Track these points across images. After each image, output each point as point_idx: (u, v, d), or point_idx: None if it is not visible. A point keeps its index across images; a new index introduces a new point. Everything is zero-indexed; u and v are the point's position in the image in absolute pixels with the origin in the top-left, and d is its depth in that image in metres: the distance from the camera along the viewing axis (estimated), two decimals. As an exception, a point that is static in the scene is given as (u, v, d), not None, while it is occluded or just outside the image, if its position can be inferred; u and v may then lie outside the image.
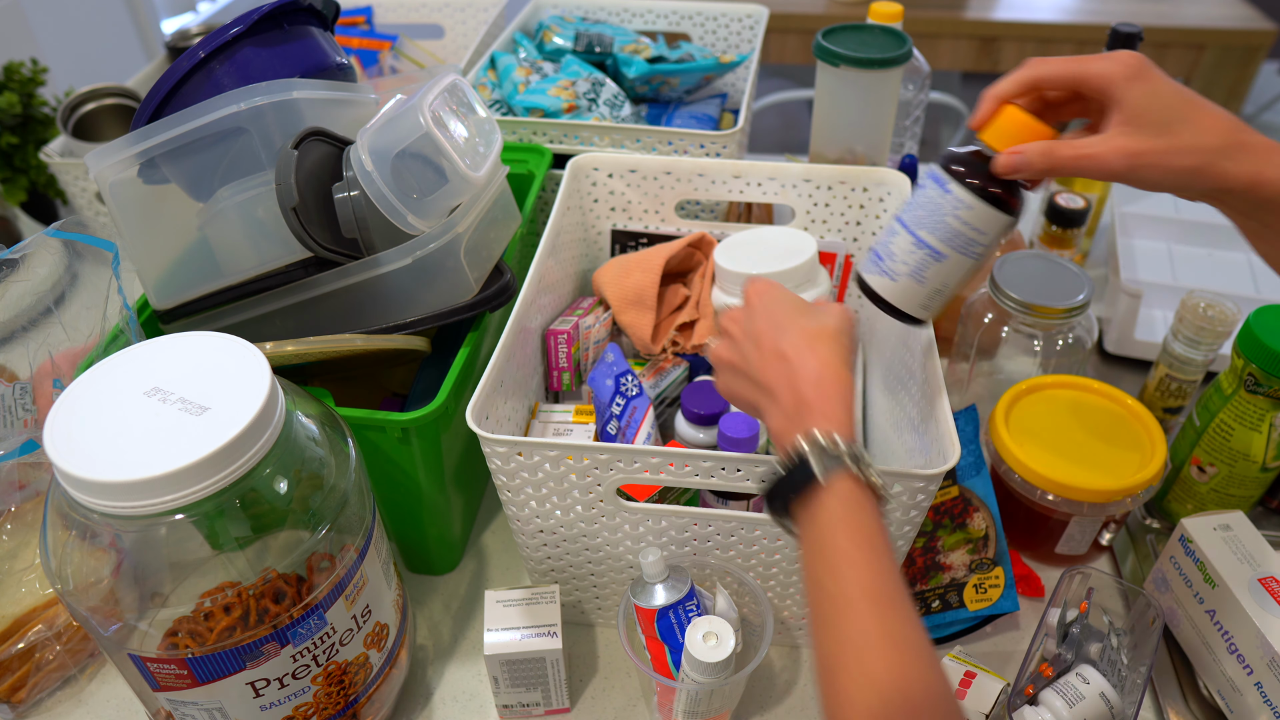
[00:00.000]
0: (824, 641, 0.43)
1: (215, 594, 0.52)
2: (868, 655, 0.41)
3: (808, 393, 0.49)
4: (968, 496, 0.77)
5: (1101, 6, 2.03)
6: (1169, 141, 0.48)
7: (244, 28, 0.70)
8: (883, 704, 0.39)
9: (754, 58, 1.13)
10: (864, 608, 0.42)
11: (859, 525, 0.45)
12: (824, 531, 0.45)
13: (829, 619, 0.43)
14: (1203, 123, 0.48)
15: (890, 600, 0.42)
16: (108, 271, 0.72)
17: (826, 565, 0.44)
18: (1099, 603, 0.70)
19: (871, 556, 0.44)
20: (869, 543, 0.44)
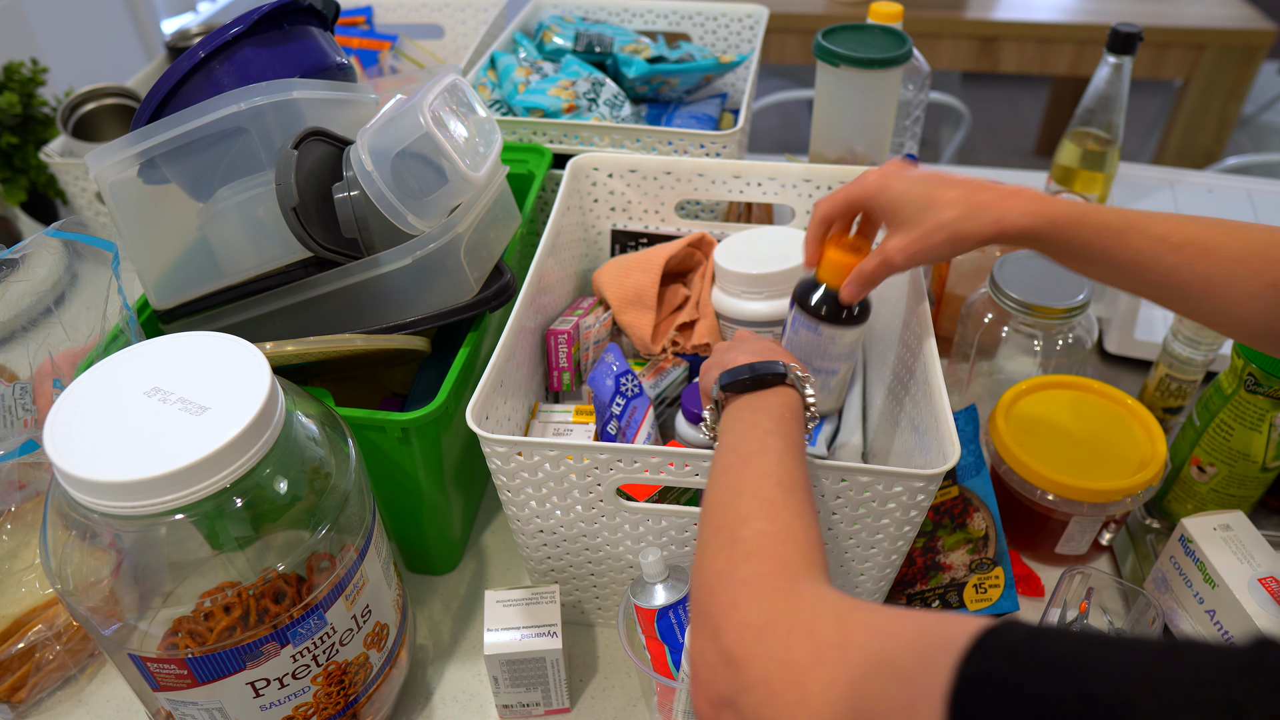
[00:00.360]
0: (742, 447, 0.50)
1: (215, 594, 0.52)
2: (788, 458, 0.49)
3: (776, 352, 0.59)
4: (968, 496, 0.77)
5: (1101, 6, 2.03)
6: (921, 229, 0.59)
7: (244, 28, 0.70)
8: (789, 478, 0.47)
9: (754, 58, 1.13)
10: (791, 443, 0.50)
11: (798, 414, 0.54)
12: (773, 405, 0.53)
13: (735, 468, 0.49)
14: (942, 202, 0.59)
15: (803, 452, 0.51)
16: (108, 271, 0.72)
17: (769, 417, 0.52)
18: (1099, 603, 0.70)
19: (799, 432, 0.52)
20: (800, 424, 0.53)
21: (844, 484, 0.59)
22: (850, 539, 0.63)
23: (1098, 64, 0.98)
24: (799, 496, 0.47)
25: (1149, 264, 0.57)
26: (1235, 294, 0.55)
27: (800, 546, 0.43)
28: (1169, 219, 0.57)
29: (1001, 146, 3.02)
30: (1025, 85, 3.33)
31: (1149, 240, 0.56)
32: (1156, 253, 0.56)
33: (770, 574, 0.41)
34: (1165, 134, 2.11)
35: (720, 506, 0.47)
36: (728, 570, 0.42)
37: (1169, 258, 0.56)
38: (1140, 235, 0.57)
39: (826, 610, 0.38)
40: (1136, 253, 0.57)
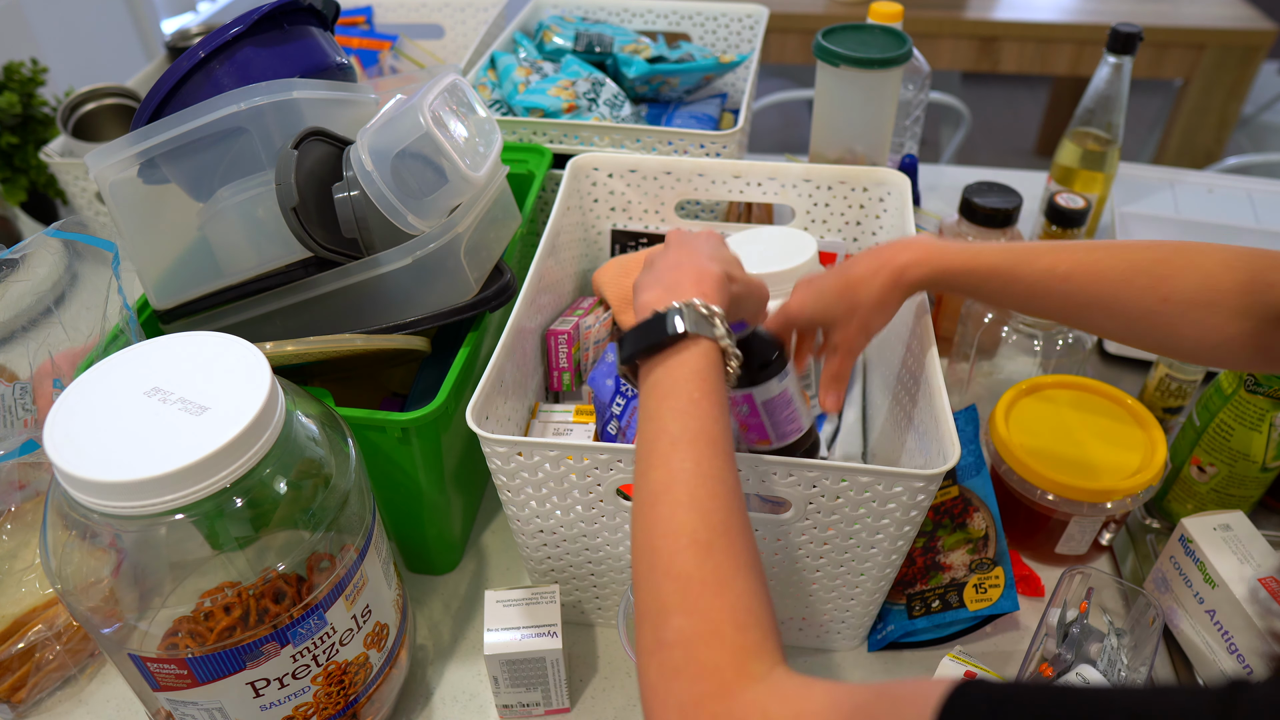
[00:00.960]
0: (653, 473, 0.46)
1: (215, 594, 0.52)
2: (696, 486, 0.44)
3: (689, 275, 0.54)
4: (968, 496, 0.77)
5: (1101, 6, 2.03)
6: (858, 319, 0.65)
7: (244, 28, 0.70)
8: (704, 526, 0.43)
9: (754, 58, 1.13)
10: (702, 447, 0.46)
11: (712, 382, 0.49)
12: (677, 380, 0.49)
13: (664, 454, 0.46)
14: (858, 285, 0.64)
15: (723, 448, 0.47)
16: (108, 271, 0.72)
17: (673, 408, 0.47)
18: (1099, 603, 0.70)
19: (715, 408, 0.48)
20: (715, 397, 0.48)
21: (844, 484, 0.59)
22: (850, 539, 0.63)
23: (1098, 64, 0.98)
24: (718, 552, 0.42)
25: (1043, 294, 0.60)
26: (1133, 312, 0.57)
27: (727, 640, 0.39)
28: (1054, 250, 0.60)
29: (1001, 146, 3.02)
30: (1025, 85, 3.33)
31: (1037, 273, 0.60)
32: (1047, 283, 0.59)
33: (703, 696, 0.37)
34: (1165, 134, 2.11)
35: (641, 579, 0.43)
36: (659, 687, 0.39)
37: (1059, 286, 0.59)
38: (1029, 270, 0.60)
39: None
40: (1029, 287, 0.60)
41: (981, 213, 0.91)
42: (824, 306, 0.66)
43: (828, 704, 0.35)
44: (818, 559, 0.66)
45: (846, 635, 0.73)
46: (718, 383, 0.49)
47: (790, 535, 0.64)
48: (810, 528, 0.63)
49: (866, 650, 0.75)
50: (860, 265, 0.64)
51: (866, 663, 0.74)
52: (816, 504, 0.61)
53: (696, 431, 0.46)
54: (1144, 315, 0.57)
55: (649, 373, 0.50)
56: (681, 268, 0.54)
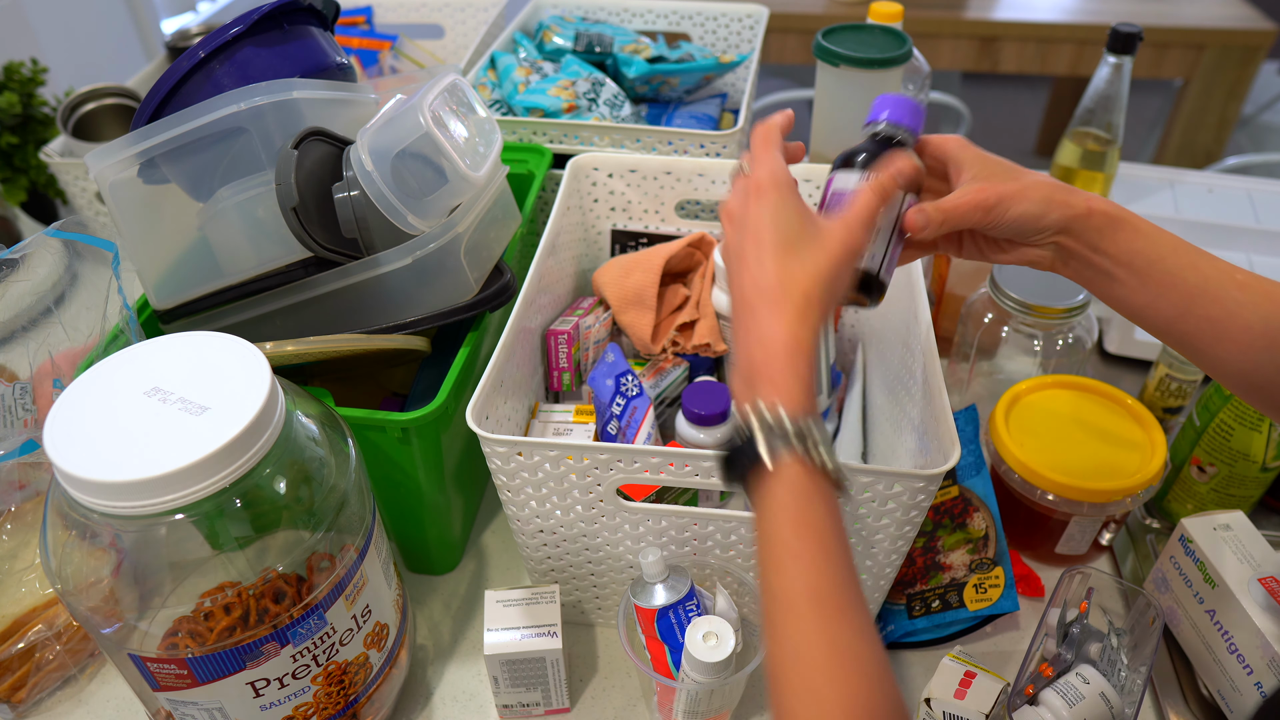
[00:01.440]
0: (769, 644, 0.41)
1: (215, 594, 0.52)
2: (811, 668, 0.38)
3: (757, 354, 0.46)
4: (968, 496, 0.77)
5: (1101, 6, 2.03)
6: (1018, 182, 0.54)
7: (244, 28, 0.70)
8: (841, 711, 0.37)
9: (754, 58, 1.13)
10: (807, 612, 0.40)
11: (807, 517, 0.42)
12: (770, 520, 0.43)
13: (774, 620, 0.41)
14: (1035, 174, 0.55)
15: (838, 607, 0.40)
16: (108, 271, 0.72)
17: (772, 559, 0.42)
18: (1099, 603, 0.70)
19: (820, 554, 0.41)
20: (818, 538, 0.41)
21: (844, 484, 0.59)
22: (850, 539, 0.63)
23: (1098, 64, 0.98)
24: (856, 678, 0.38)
25: (1215, 295, 0.52)
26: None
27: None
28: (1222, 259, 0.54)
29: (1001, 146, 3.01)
30: (1025, 85, 3.33)
31: (1219, 270, 0.52)
32: (1223, 285, 0.52)
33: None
34: (1165, 134, 2.11)
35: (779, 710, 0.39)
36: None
37: (1234, 294, 0.51)
38: (1210, 262, 0.52)
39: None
40: (1205, 279, 0.52)
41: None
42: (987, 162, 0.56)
43: None
44: (818, 559, 0.65)
45: (846, 635, 0.73)
46: (819, 517, 0.42)
47: (790, 535, 0.64)
48: (810, 528, 0.63)
49: (866, 650, 0.75)
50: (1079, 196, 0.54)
51: (866, 663, 0.74)
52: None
53: (800, 591, 0.40)
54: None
55: (753, 505, 0.45)
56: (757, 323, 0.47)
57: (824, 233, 0.50)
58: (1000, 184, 0.54)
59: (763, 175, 0.52)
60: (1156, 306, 0.54)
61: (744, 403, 0.46)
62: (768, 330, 0.46)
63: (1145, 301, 0.54)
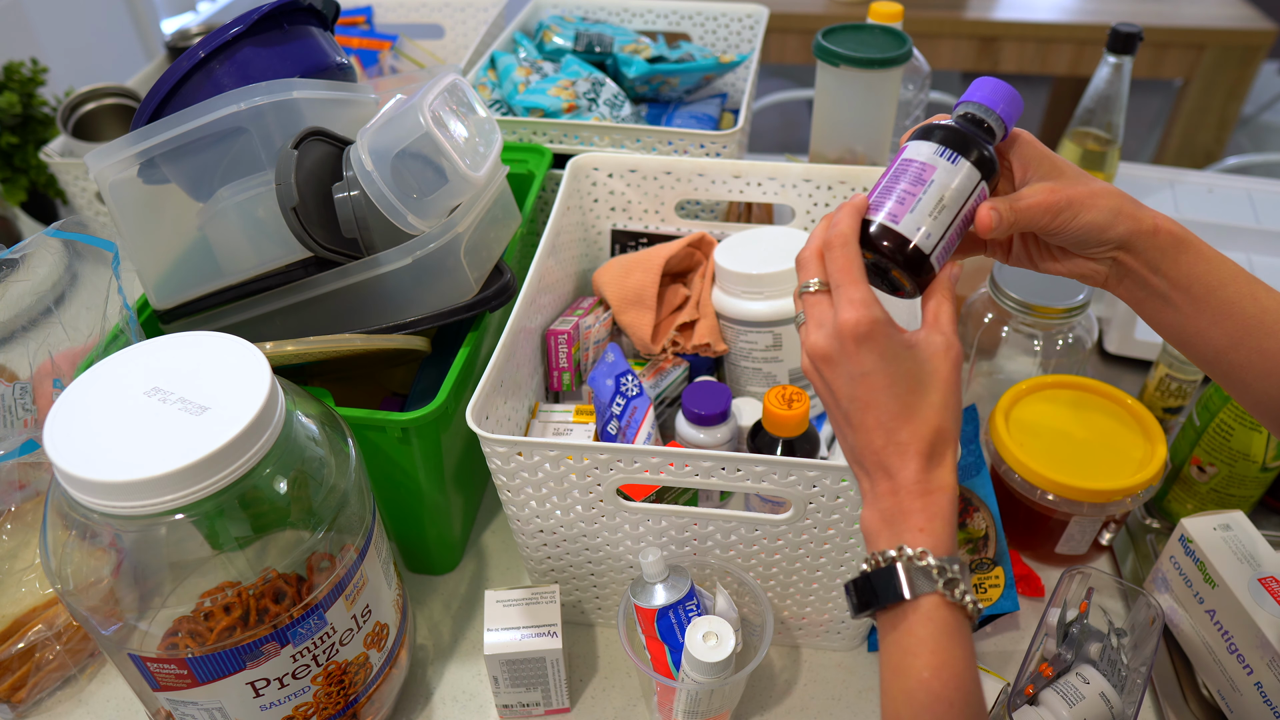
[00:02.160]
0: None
1: (215, 594, 0.52)
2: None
3: (907, 496, 0.46)
4: (968, 496, 0.77)
5: (1101, 6, 2.03)
6: (1088, 187, 0.52)
7: (244, 28, 0.70)
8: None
9: (754, 58, 1.13)
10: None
11: (946, 655, 0.43)
12: (906, 655, 0.43)
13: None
14: (1103, 183, 0.52)
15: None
16: (108, 271, 0.72)
17: (904, 691, 0.42)
18: (1099, 603, 0.70)
19: (956, 694, 0.42)
20: (956, 679, 0.42)
21: (844, 484, 0.59)
22: (850, 539, 0.63)
23: (1098, 64, 0.98)
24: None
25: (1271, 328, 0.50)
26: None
27: None
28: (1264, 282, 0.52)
29: (1001, 146, 3.02)
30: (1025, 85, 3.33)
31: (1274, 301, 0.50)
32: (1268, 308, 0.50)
33: None
34: (1165, 134, 2.11)
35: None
36: None
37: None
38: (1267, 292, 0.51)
39: None
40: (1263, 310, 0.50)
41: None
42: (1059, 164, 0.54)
43: None
44: (818, 559, 0.66)
45: (847, 635, 0.73)
46: (954, 648, 0.43)
47: (790, 535, 0.64)
48: (810, 528, 0.63)
49: (866, 650, 0.75)
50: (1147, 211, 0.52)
51: (867, 663, 0.74)
52: (816, 504, 0.61)
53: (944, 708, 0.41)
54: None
55: (881, 636, 0.46)
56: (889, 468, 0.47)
57: (933, 357, 0.48)
58: (1070, 187, 0.52)
59: (860, 316, 0.48)
60: (1208, 335, 0.52)
61: (886, 540, 0.46)
62: (916, 454, 0.46)
63: (1198, 329, 0.52)
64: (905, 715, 0.42)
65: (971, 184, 0.52)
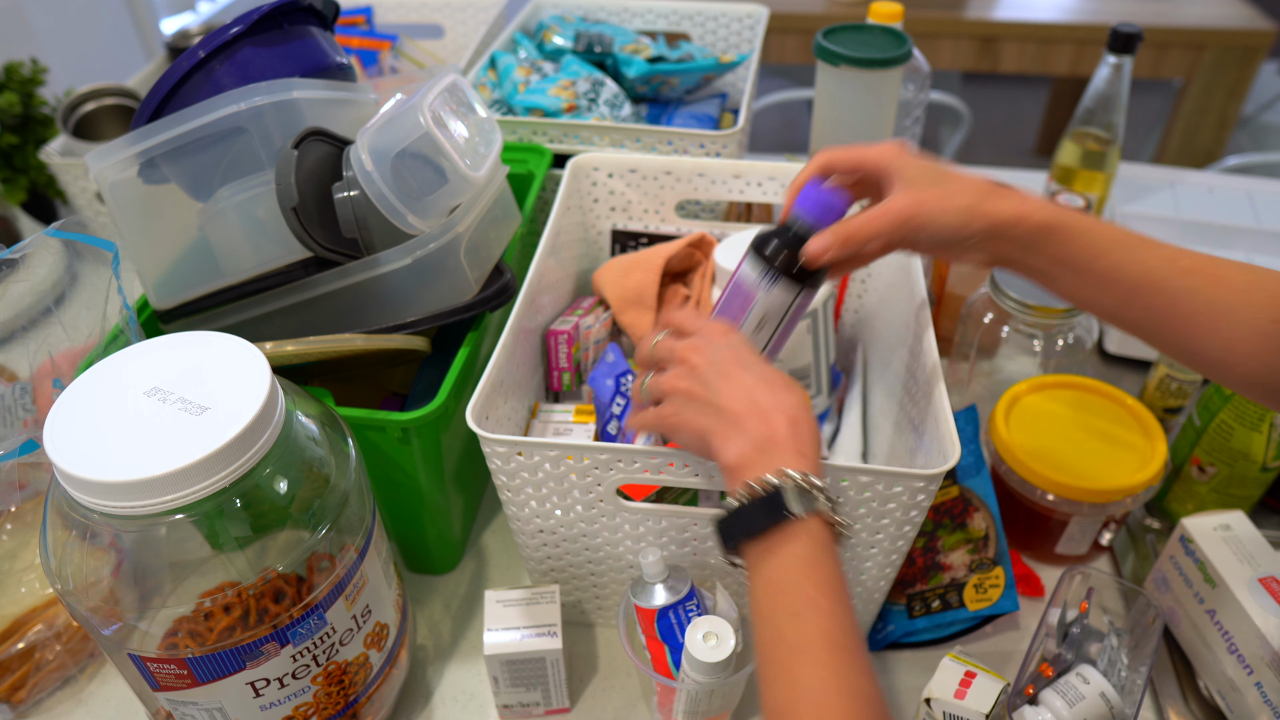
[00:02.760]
0: (777, 688, 0.42)
1: (215, 594, 0.52)
2: (825, 707, 0.40)
3: (781, 428, 0.49)
4: (968, 496, 0.77)
5: (1101, 6, 2.03)
6: (942, 190, 0.55)
7: (244, 28, 0.70)
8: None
9: (754, 58, 1.13)
10: (824, 656, 0.42)
11: (825, 569, 0.45)
12: (787, 573, 0.45)
13: (785, 664, 0.43)
14: (964, 180, 0.56)
15: (850, 650, 0.42)
16: (108, 271, 0.72)
17: (788, 609, 0.44)
18: (1099, 603, 0.70)
19: (835, 603, 0.44)
20: (833, 588, 0.44)
21: (844, 484, 0.59)
22: (851, 539, 0.63)
23: (1098, 64, 0.98)
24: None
25: (1157, 285, 0.53)
26: (1241, 329, 0.52)
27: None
28: (1172, 245, 0.54)
29: (1001, 146, 3.02)
30: (1025, 85, 3.33)
31: (1161, 260, 0.53)
32: (1166, 274, 0.53)
33: None
34: (1165, 134, 2.11)
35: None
36: None
37: (1177, 281, 0.53)
38: (1153, 252, 0.54)
39: None
40: (1147, 271, 0.53)
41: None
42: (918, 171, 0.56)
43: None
44: (818, 559, 0.65)
45: (846, 635, 0.73)
46: (833, 567, 0.45)
47: (790, 535, 0.64)
48: (810, 528, 0.63)
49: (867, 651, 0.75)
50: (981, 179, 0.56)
51: (866, 663, 0.74)
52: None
53: (816, 637, 0.43)
54: (1253, 334, 0.51)
55: (756, 561, 0.47)
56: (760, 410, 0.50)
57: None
58: (923, 191, 0.55)
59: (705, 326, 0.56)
60: (1099, 300, 0.56)
61: (763, 468, 0.48)
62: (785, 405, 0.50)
63: (1087, 296, 0.56)
64: (790, 632, 0.43)
65: (789, 298, 0.58)
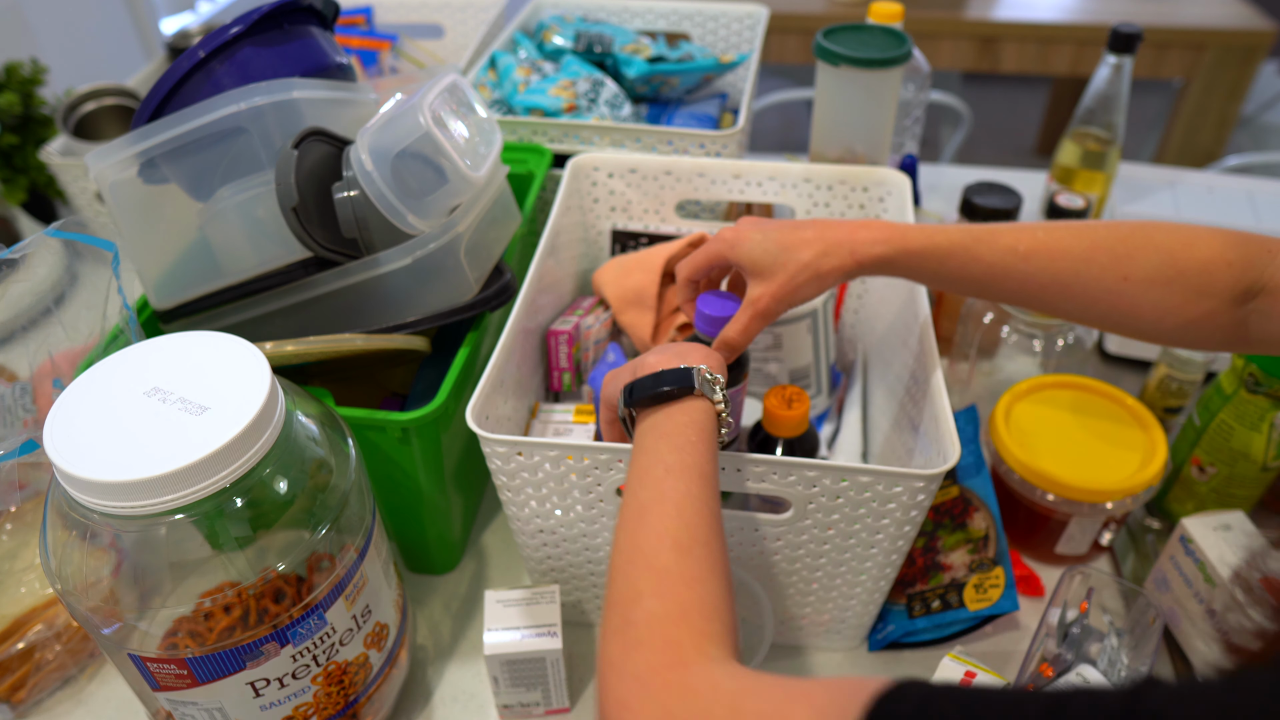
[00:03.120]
0: (644, 494, 0.48)
1: (215, 594, 0.52)
2: (683, 503, 0.47)
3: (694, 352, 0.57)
4: (968, 496, 0.77)
5: (1101, 6, 2.03)
6: (785, 274, 0.61)
7: (244, 28, 0.70)
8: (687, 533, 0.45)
9: (754, 58, 1.13)
10: (694, 478, 0.49)
11: (707, 431, 0.53)
12: (679, 425, 0.52)
13: (658, 479, 0.49)
14: (798, 244, 0.61)
15: (712, 483, 0.50)
16: (108, 271, 0.72)
17: (672, 445, 0.51)
18: (1099, 603, 0.70)
19: (707, 452, 0.51)
20: (708, 442, 0.52)
21: (844, 484, 0.59)
22: (850, 539, 0.63)
23: (1098, 64, 0.98)
24: (697, 555, 0.45)
25: (1003, 274, 0.59)
26: (1093, 290, 0.58)
27: (693, 623, 0.41)
28: (1015, 229, 0.60)
29: (1001, 146, 3.02)
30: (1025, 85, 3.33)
31: (999, 252, 0.59)
32: (1008, 263, 0.59)
33: (661, 666, 0.39)
34: (1165, 134, 2.11)
35: (618, 572, 0.45)
36: (620, 660, 0.41)
37: (1020, 266, 0.59)
38: (989, 248, 0.59)
39: (719, 701, 0.37)
40: (989, 266, 0.59)
41: (982, 212, 0.91)
42: (764, 251, 0.62)
43: (773, 683, 0.37)
44: (818, 559, 0.65)
45: (846, 635, 0.73)
46: (712, 435, 0.53)
47: (790, 535, 0.64)
48: (810, 528, 0.63)
49: (867, 650, 0.75)
50: (813, 232, 0.61)
51: (867, 662, 0.74)
52: (816, 504, 0.61)
53: (689, 464, 0.49)
54: (1104, 294, 0.58)
55: (648, 417, 0.54)
56: (689, 346, 0.58)
57: None
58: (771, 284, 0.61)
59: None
60: (965, 291, 0.63)
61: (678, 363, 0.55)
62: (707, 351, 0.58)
63: (953, 290, 0.64)
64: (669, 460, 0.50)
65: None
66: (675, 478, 0.48)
